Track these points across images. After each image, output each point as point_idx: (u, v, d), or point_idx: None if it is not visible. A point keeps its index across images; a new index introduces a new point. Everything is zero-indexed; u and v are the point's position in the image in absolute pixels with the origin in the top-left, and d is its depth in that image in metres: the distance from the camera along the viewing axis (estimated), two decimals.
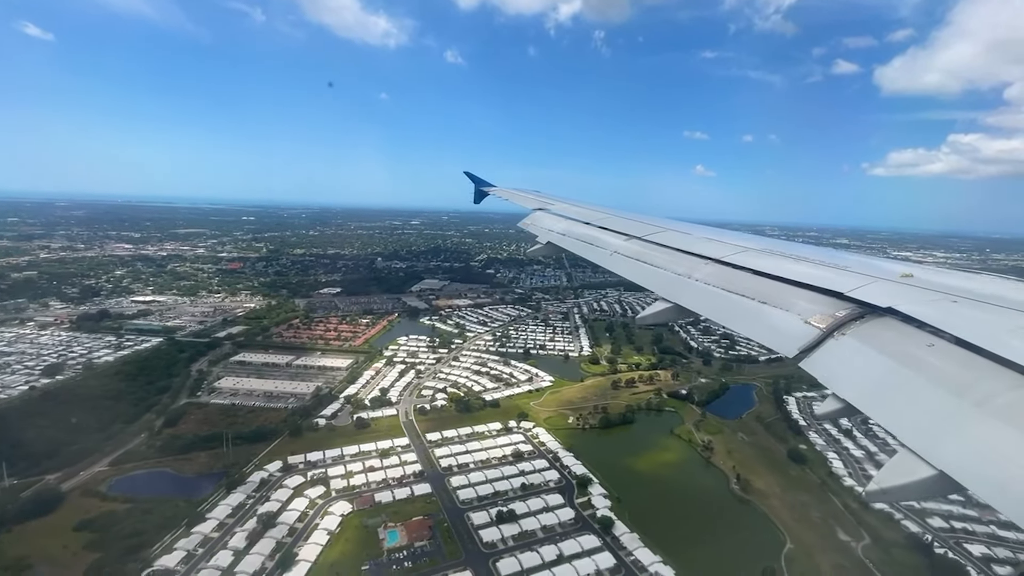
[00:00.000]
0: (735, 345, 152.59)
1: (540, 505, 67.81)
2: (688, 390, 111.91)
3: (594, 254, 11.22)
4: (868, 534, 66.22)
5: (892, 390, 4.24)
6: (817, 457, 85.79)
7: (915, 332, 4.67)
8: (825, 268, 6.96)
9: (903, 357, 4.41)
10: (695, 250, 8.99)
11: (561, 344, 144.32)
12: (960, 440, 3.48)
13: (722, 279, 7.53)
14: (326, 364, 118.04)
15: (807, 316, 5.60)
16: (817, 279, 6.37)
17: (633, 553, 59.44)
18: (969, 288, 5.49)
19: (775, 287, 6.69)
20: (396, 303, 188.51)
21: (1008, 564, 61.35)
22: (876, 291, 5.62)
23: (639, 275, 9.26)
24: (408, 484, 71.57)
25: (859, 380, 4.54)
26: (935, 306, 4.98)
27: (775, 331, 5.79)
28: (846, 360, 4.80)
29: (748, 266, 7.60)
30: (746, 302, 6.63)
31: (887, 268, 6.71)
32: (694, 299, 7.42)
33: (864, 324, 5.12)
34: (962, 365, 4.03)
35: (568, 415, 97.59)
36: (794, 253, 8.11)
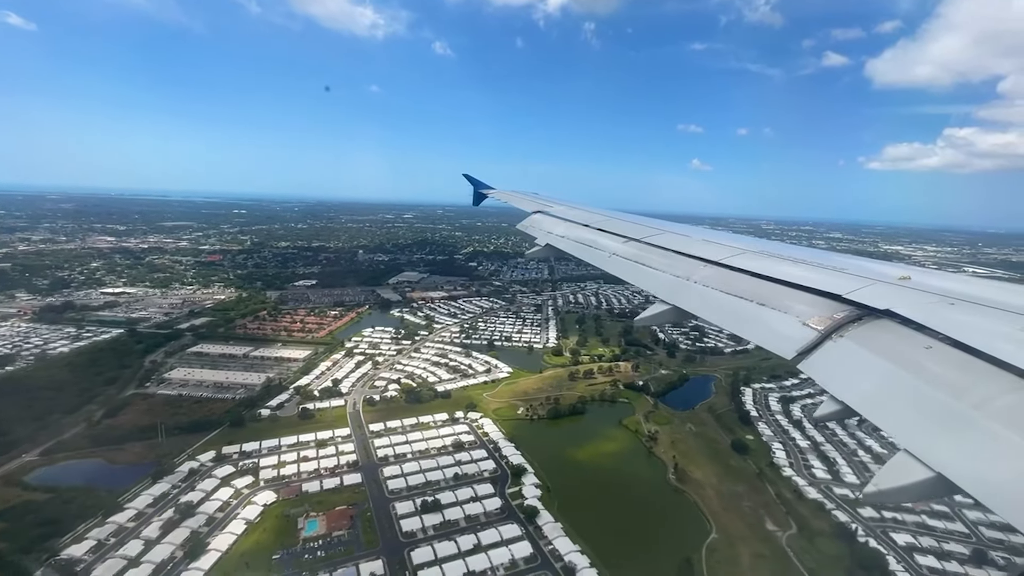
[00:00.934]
0: (703, 337, 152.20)
1: (469, 495, 67.42)
2: (645, 381, 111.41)
3: (593, 256, 11.27)
4: (796, 524, 65.97)
5: (889, 392, 4.24)
6: (761, 447, 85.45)
7: (912, 334, 4.68)
8: (823, 270, 6.99)
9: (901, 359, 4.41)
10: (693, 252, 9.00)
11: (528, 336, 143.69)
12: (957, 442, 3.49)
13: (721, 281, 7.52)
14: (284, 355, 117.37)
15: (805, 318, 5.61)
16: (815, 281, 6.38)
17: (553, 542, 59.11)
18: (966, 291, 5.47)
19: (773, 289, 6.69)
20: (370, 295, 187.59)
21: (931, 553, 61.08)
22: (874, 293, 5.62)
23: (638, 277, 9.25)
24: (340, 474, 71.14)
25: (857, 382, 4.54)
26: (932, 308, 4.99)
27: (773, 333, 5.80)
28: (844, 362, 4.81)
29: (746, 268, 7.58)
30: (744, 304, 6.64)
31: (885, 271, 6.69)
32: (693, 301, 7.42)
33: (862, 326, 5.12)
34: (959, 367, 4.04)
35: (519, 406, 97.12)
36: (792, 255, 8.10)
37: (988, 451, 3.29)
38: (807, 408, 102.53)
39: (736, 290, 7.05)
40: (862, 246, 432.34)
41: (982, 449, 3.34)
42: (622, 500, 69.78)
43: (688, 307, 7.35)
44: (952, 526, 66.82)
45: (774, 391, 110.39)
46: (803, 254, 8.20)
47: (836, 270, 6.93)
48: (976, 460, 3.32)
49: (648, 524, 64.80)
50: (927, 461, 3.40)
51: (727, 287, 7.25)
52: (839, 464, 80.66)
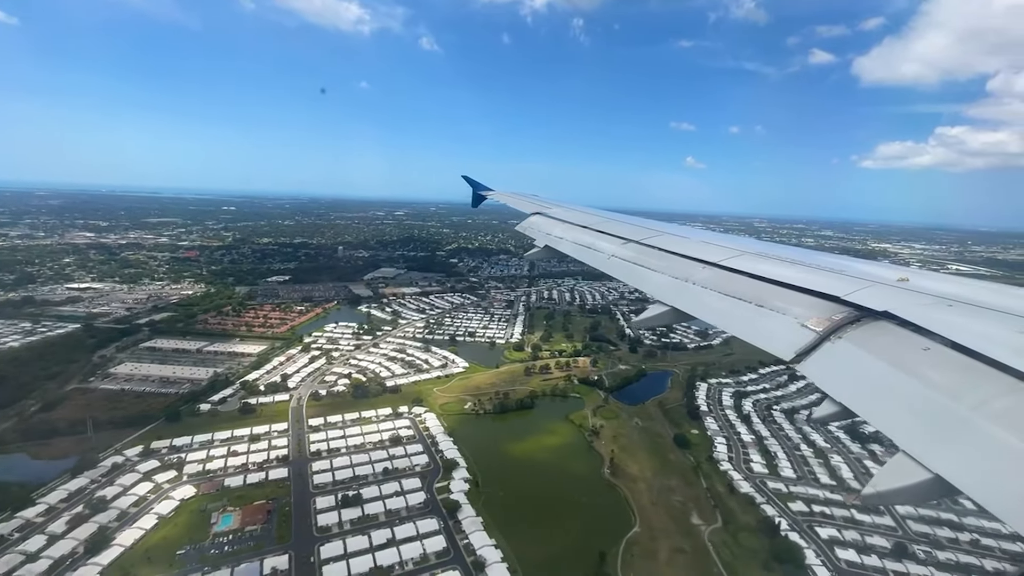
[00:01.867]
0: (669, 333, 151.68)
1: (394, 490, 66.63)
2: (599, 376, 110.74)
3: (591, 258, 11.21)
4: (723, 518, 65.41)
5: (888, 393, 4.20)
6: (704, 442, 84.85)
7: (911, 336, 4.67)
8: (821, 272, 6.96)
9: (899, 361, 4.39)
10: (692, 254, 8.97)
11: (493, 331, 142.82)
12: (955, 444, 3.45)
13: (719, 283, 7.48)
14: (238, 350, 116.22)
15: (804, 320, 5.57)
16: (813, 283, 6.35)
17: (469, 537, 58.33)
18: (964, 293, 5.45)
19: (772, 291, 6.66)
20: (342, 291, 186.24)
21: (852, 547, 60.57)
22: (872, 295, 5.59)
23: (636, 279, 9.20)
24: (267, 469, 70.23)
25: (855, 383, 4.50)
26: (930, 310, 4.98)
27: (772, 335, 5.74)
28: (842, 363, 4.77)
29: (745, 270, 7.54)
30: (743, 305, 6.61)
31: (883, 272, 6.66)
32: (692, 303, 7.36)
33: (860, 328, 5.10)
34: (957, 369, 4.02)
35: (468, 400, 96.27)
36: (791, 257, 8.07)
37: (986, 453, 3.27)
38: (759, 403, 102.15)
39: (735, 292, 7.00)
40: (851, 244, 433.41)
41: (980, 451, 3.32)
42: (552, 494, 68.99)
43: (687, 309, 7.30)
44: (880, 520, 66.41)
45: (730, 386, 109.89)
46: (802, 256, 8.14)
47: (834, 272, 6.89)
48: (974, 462, 3.29)
49: (573, 518, 64.08)
50: (925, 463, 3.39)
51: (726, 289, 7.20)
52: (779, 458, 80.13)
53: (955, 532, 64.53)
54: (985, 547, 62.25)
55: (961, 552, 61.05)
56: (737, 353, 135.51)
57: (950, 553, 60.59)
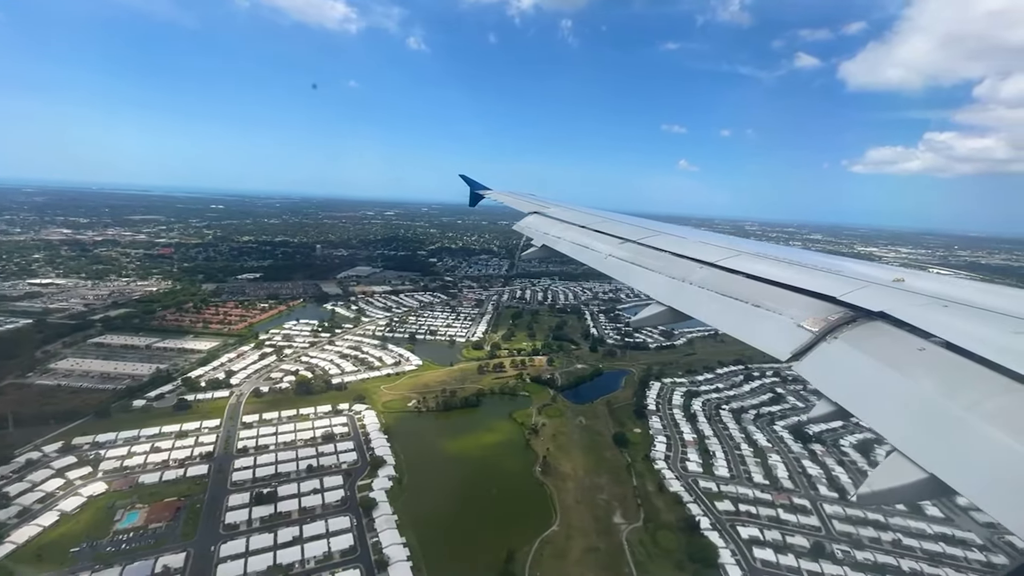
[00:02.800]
0: (634, 333, 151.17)
1: (312, 487, 65.38)
2: (552, 375, 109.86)
3: (589, 257, 11.17)
4: (646, 517, 64.54)
5: (883, 393, 4.21)
6: (644, 440, 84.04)
7: (906, 336, 4.68)
8: (818, 272, 6.96)
9: (894, 361, 4.40)
10: (689, 254, 8.98)
11: (456, 330, 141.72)
12: (950, 443, 3.46)
13: (716, 283, 7.49)
14: (189, 347, 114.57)
15: (800, 320, 5.56)
16: (810, 283, 6.34)
17: (379, 535, 57.18)
18: (959, 294, 5.46)
19: (769, 291, 6.64)
20: (312, 289, 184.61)
21: (771, 546, 59.78)
22: (868, 295, 5.60)
23: (633, 278, 9.18)
24: (187, 466, 68.80)
25: (850, 383, 4.51)
26: (926, 310, 4.98)
27: (768, 334, 5.73)
28: (838, 363, 4.77)
29: (742, 270, 7.55)
30: (740, 305, 6.61)
31: (879, 273, 6.62)
32: (688, 303, 7.38)
33: (856, 328, 5.11)
34: (952, 369, 4.03)
35: (413, 398, 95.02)
36: (787, 257, 8.08)
37: (980, 452, 3.27)
38: (709, 403, 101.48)
39: (732, 292, 7.00)
40: (839, 248, 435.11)
41: (974, 450, 3.31)
42: (478, 492, 67.92)
43: (684, 308, 7.31)
44: (805, 519, 65.71)
45: (683, 386, 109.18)
46: (798, 256, 8.15)
47: (831, 272, 6.88)
48: (968, 461, 3.29)
49: (494, 516, 63.00)
50: (920, 462, 3.39)
51: (722, 289, 7.20)
52: (717, 458, 79.37)
53: (879, 532, 63.92)
54: (906, 547, 61.66)
55: (881, 552, 60.40)
56: (698, 353, 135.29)
57: (869, 553, 59.92)
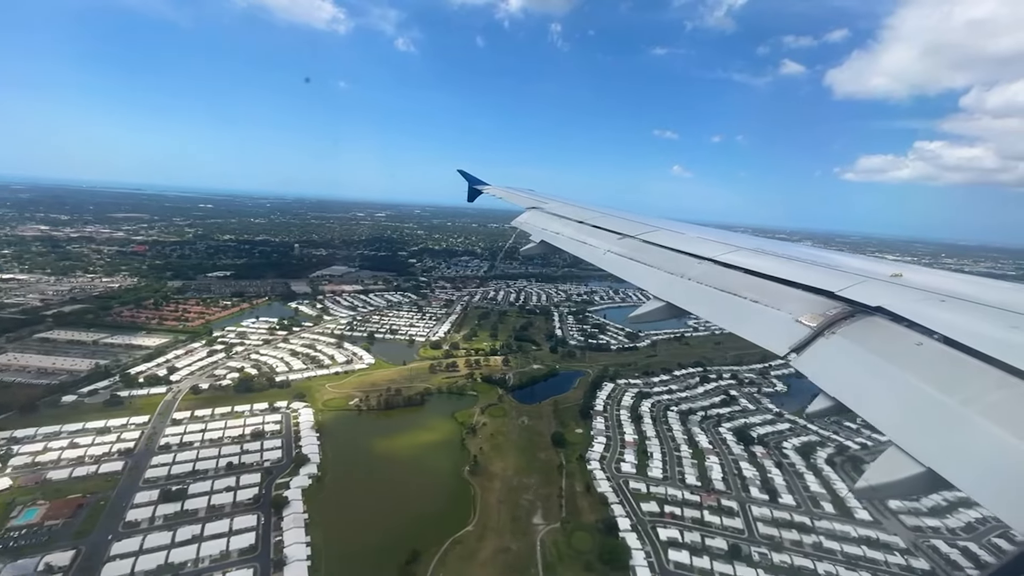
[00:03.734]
0: (600, 334, 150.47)
1: (227, 485, 63.82)
2: (505, 375, 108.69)
3: (588, 253, 11.07)
4: (566, 517, 63.27)
5: (881, 388, 4.22)
6: (583, 441, 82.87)
7: (904, 331, 4.68)
8: (816, 268, 6.90)
9: (892, 356, 4.40)
10: (688, 249, 8.92)
11: (418, 329, 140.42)
12: (947, 438, 3.47)
13: (715, 278, 7.45)
14: (137, 343, 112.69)
15: (798, 315, 5.52)
16: (808, 279, 6.30)
17: (284, 534, 55.75)
18: (957, 289, 5.46)
19: (767, 286, 6.60)
20: (281, 287, 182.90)
21: (688, 548, 58.64)
22: (866, 290, 5.61)
23: (632, 274, 9.06)
24: (101, 462, 67.11)
25: (848, 378, 4.50)
26: (923, 306, 5.00)
27: (766, 330, 5.68)
28: (836, 358, 4.76)
29: (740, 265, 7.52)
30: (738, 301, 6.54)
31: (877, 268, 6.63)
32: (687, 298, 7.34)
33: (854, 323, 5.10)
34: (949, 364, 4.04)
35: (356, 397, 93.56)
36: (786, 253, 8.07)
37: (977, 447, 3.27)
38: (658, 404, 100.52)
39: (730, 287, 6.94)
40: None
41: (971, 445, 3.30)
42: (400, 491, 66.53)
43: (682, 304, 7.25)
44: (730, 521, 64.70)
45: (636, 387, 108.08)
46: (797, 252, 8.13)
47: (829, 267, 6.85)
48: (965, 456, 3.28)
49: (410, 516, 61.52)
50: (917, 456, 3.39)
51: (721, 284, 7.17)
52: (653, 459, 78.29)
53: (802, 535, 62.90)
54: (827, 550, 60.69)
55: (800, 555, 59.37)
56: (660, 355, 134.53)
57: (787, 556, 58.89)
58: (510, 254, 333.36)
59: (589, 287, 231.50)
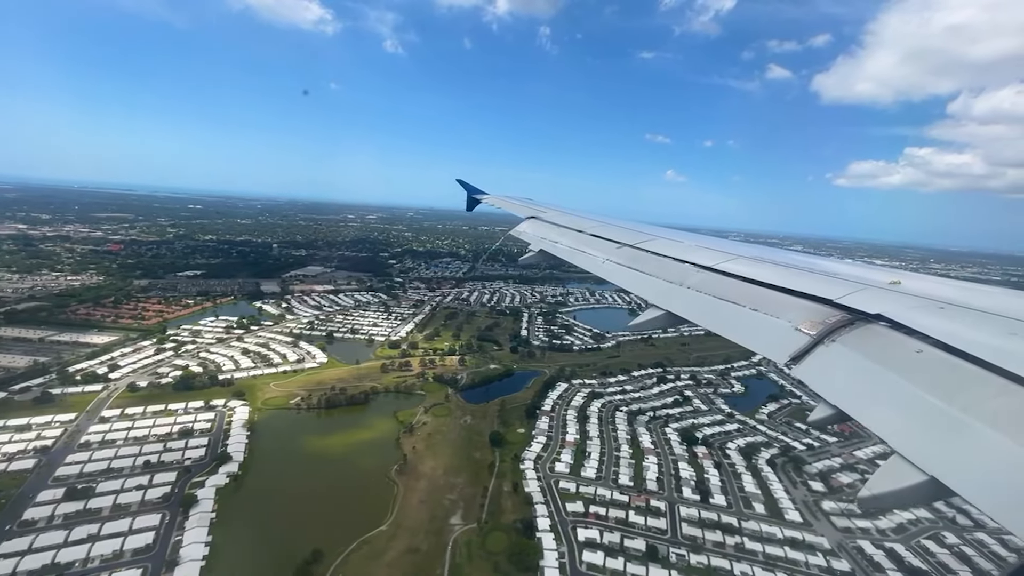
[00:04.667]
0: (567, 335, 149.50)
1: (138, 484, 62.20)
2: (458, 375, 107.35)
3: (586, 262, 11.02)
4: (486, 518, 61.87)
5: (881, 396, 4.18)
6: (522, 441, 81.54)
7: (903, 339, 4.68)
8: (815, 275, 6.88)
9: (892, 363, 4.38)
10: (686, 257, 8.91)
11: (381, 329, 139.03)
12: (949, 446, 3.43)
13: (713, 286, 7.40)
14: (86, 340, 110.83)
15: (797, 323, 5.51)
16: (807, 286, 6.27)
17: (185, 533, 54.19)
18: (956, 296, 5.44)
19: (766, 294, 6.54)
20: (251, 286, 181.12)
21: (604, 549, 57.28)
22: (865, 298, 5.56)
23: (630, 282, 9.05)
24: (12, 460, 65.30)
25: (849, 386, 4.48)
26: (923, 313, 4.99)
27: (766, 338, 5.65)
28: (836, 366, 4.76)
29: (739, 273, 7.48)
30: (737, 309, 6.52)
31: (876, 276, 6.58)
32: (685, 306, 7.30)
33: (853, 331, 5.07)
34: (950, 371, 4.02)
35: (299, 395, 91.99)
36: (784, 261, 8.00)
37: (979, 454, 3.26)
38: (608, 404, 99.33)
39: (729, 295, 6.94)
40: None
41: (973, 452, 3.30)
42: (321, 491, 64.93)
43: (681, 312, 7.25)
44: (654, 522, 63.41)
45: (591, 388, 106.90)
46: (795, 259, 8.14)
47: (827, 275, 6.83)
48: (968, 463, 3.27)
49: (324, 516, 59.95)
50: (920, 465, 3.37)
51: (720, 292, 7.16)
52: (591, 459, 77.04)
53: (726, 535, 61.68)
54: (749, 551, 59.46)
55: (719, 556, 58.12)
56: (623, 356, 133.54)
57: (705, 557, 57.62)
58: (494, 256, 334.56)
59: (566, 289, 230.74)
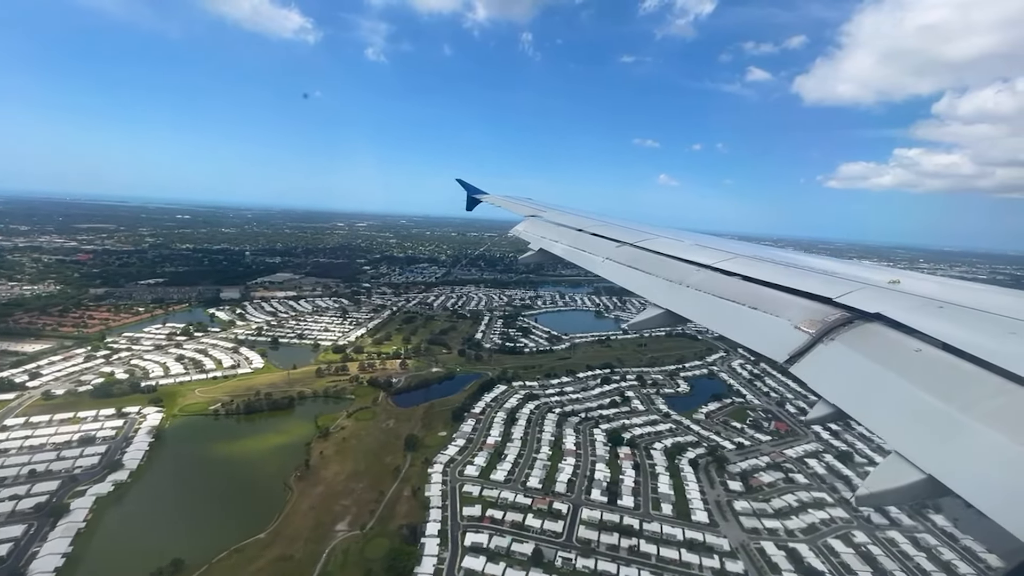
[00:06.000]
0: (523, 337, 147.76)
1: (12, 494, 60.12)
2: (392, 378, 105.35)
3: (586, 260, 11.02)
4: (374, 523, 59.73)
5: (880, 395, 4.20)
6: (439, 444, 79.43)
7: (902, 338, 4.70)
8: (814, 274, 6.91)
9: (891, 362, 4.38)
10: (686, 256, 8.82)
11: (331, 334, 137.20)
12: (947, 444, 3.45)
13: (713, 285, 7.38)
14: (15, 349, 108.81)
15: (796, 322, 5.52)
16: (806, 285, 6.26)
17: (47, 544, 52.15)
18: (954, 295, 5.42)
19: (765, 293, 6.53)
20: (211, 293, 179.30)
21: (488, 554, 55.04)
22: (864, 297, 5.56)
23: (630, 281, 8.95)
24: None
25: (848, 385, 4.51)
26: (922, 312, 4.99)
27: (765, 337, 5.64)
28: (835, 365, 4.78)
29: (739, 272, 7.47)
30: (737, 308, 6.50)
31: (875, 275, 6.54)
32: (685, 305, 7.29)
33: (853, 329, 5.09)
34: (949, 370, 4.04)
35: (221, 401, 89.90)
36: (784, 259, 8.03)
37: (977, 453, 3.27)
38: (542, 407, 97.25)
39: (728, 294, 6.90)
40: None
41: (971, 451, 3.31)
42: (210, 497, 62.93)
43: (681, 311, 7.20)
44: (551, 525, 61.16)
45: (532, 389, 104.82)
46: (794, 258, 8.13)
47: (827, 274, 6.82)
48: (966, 462, 3.28)
49: (207, 523, 57.86)
50: (918, 463, 3.39)
51: (719, 291, 7.11)
52: (505, 462, 74.96)
53: (625, 538, 59.47)
54: (642, 553, 57.21)
55: (608, 559, 55.86)
56: (574, 358, 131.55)
57: (592, 561, 55.31)
58: (473, 261, 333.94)
59: (538, 292, 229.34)
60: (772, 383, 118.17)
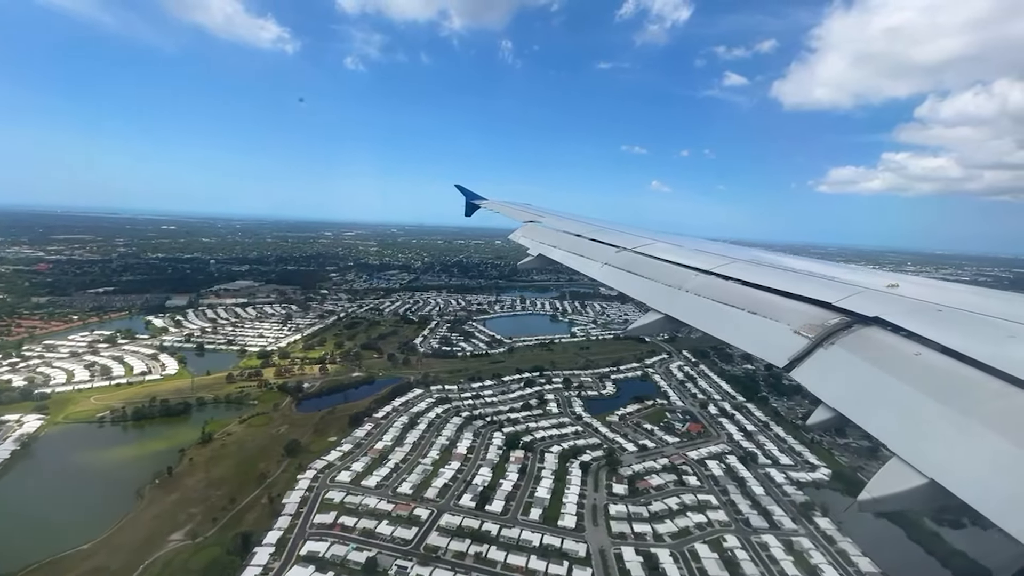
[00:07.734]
0: (463, 341, 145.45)
1: None
2: (303, 384, 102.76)
3: (584, 266, 10.94)
4: (213, 533, 56.84)
5: (880, 399, 4.18)
6: (322, 449, 76.68)
7: (902, 341, 4.69)
8: (813, 279, 6.89)
9: (891, 366, 4.37)
10: (685, 261, 8.76)
11: (262, 340, 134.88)
12: (948, 448, 3.42)
13: (712, 290, 7.40)
14: None
15: (796, 326, 5.48)
16: (805, 290, 6.25)
17: None
18: (953, 299, 5.44)
19: (764, 298, 6.53)
20: (157, 300, 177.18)
21: (319, 564, 52.10)
22: (863, 301, 5.54)
23: (629, 286, 8.94)
24: None
25: (847, 389, 4.48)
26: (921, 316, 4.98)
27: (765, 341, 5.63)
28: (835, 369, 4.75)
29: (738, 277, 7.43)
30: (736, 313, 6.51)
31: (874, 279, 6.56)
32: (684, 310, 7.25)
33: (852, 333, 5.07)
34: (948, 374, 4.03)
35: (112, 408, 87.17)
36: (783, 264, 8.08)
37: (978, 456, 3.26)
38: (453, 410, 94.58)
39: (728, 299, 6.89)
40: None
41: (972, 454, 3.30)
42: (52, 506, 59.96)
43: (680, 316, 7.17)
44: (403, 531, 58.19)
45: (448, 393, 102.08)
46: (793, 263, 8.18)
47: (826, 278, 6.78)
48: (967, 465, 3.25)
49: (29, 535, 54.90)
50: (919, 467, 3.36)
51: (719, 296, 7.10)
52: (384, 467, 72.20)
53: (473, 544, 56.54)
54: (489, 560, 54.21)
55: (447, 567, 52.90)
56: (508, 362, 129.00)
57: (432, 568, 52.43)
58: (446, 267, 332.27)
59: (500, 297, 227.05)
60: (704, 384, 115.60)
